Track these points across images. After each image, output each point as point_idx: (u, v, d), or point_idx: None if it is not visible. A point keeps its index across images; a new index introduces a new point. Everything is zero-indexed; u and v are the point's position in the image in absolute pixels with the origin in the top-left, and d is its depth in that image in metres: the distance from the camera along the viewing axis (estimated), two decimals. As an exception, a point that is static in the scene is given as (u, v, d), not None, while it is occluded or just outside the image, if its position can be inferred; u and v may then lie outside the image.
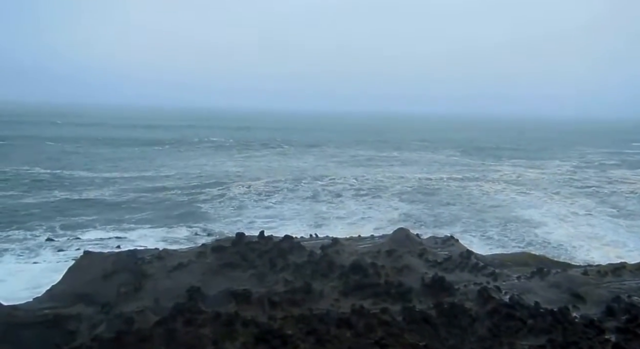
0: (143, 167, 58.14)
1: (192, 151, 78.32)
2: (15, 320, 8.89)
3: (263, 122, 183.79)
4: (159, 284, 10.53)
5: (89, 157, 64.12)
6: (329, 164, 69.55)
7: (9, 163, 54.79)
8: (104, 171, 52.13)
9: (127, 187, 44.86)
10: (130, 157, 67.56)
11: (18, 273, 23.36)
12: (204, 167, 60.63)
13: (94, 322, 9.39)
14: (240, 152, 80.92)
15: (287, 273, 10.36)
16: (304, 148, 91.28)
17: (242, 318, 8.46)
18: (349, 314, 8.60)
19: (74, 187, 43.40)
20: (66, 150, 70.88)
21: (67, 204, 37.29)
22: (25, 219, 32.31)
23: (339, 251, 11.23)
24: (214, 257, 11.64)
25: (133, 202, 38.78)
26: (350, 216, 38.38)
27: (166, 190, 43.79)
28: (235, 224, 34.16)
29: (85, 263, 11.59)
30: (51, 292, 10.59)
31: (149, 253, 12.51)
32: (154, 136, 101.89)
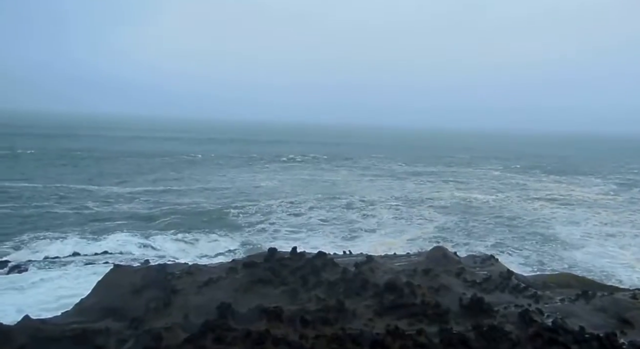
0: (174, 180, 58.88)
1: (225, 164, 79.01)
2: (43, 335, 8.78)
3: (300, 136, 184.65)
4: (188, 300, 10.32)
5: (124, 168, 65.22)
6: (363, 178, 69.31)
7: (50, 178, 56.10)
8: (135, 185, 52.81)
9: (158, 199, 45.43)
10: (161, 168, 68.55)
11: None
12: (235, 181, 61.07)
13: (123, 337, 9.21)
14: (271, 165, 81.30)
15: (319, 290, 10.02)
16: (338, 161, 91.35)
17: (272, 337, 8.16)
18: (383, 335, 8.20)
19: (106, 199, 44.21)
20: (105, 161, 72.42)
21: (97, 215, 37.98)
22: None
23: (373, 269, 10.85)
24: (245, 273, 11.39)
25: (162, 214, 39.20)
26: (383, 227, 38.00)
27: (195, 203, 44.12)
28: (260, 233, 34.30)
29: (115, 277, 11.48)
30: (80, 306, 10.50)
31: (179, 268, 12.35)
32: (187, 149, 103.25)
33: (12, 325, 8.89)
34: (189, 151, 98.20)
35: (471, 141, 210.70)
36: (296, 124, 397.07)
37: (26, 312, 17.67)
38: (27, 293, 22.80)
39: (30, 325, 8.97)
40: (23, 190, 47.05)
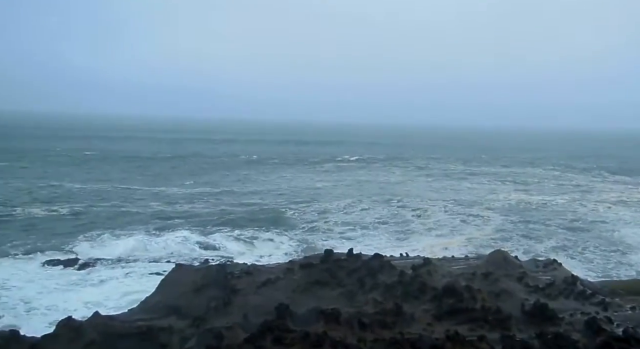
0: (232, 180, 60.11)
1: (281, 165, 79.83)
2: (111, 330, 9.15)
3: (354, 136, 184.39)
4: (248, 299, 10.49)
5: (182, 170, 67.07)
6: (418, 178, 68.57)
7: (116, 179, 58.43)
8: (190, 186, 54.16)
9: (217, 199, 46.52)
10: (219, 170, 70.03)
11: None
12: (290, 181, 61.68)
13: (185, 335, 9.48)
14: (326, 165, 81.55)
15: (376, 293, 9.96)
16: (393, 161, 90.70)
17: (330, 339, 8.16)
18: (443, 341, 8.05)
19: (169, 200, 45.66)
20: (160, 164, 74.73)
21: (160, 214, 39.36)
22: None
23: (431, 272, 10.67)
24: (302, 274, 11.48)
25: (221, 213, 40.16)
26: (439, 228, 37.51)
27: (252, 204, 44.88)
28: (316, 232, 34.60)
29: (177, 276, 11.82)
30: (145, 304, 10.88)
31: (238, 268, 12.57)
32: (244, 150, 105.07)
33: (83, 321, 9.31)
34: (246, 152, 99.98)
35: (529, 140, 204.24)
36: (354, 124, 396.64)
37: (93, 307, 18.56)
38: (94, 289, 23.91)
39: (100, 321, 9.37)
40: (92, 191, 49.50)
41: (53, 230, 33.71)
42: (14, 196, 45.19)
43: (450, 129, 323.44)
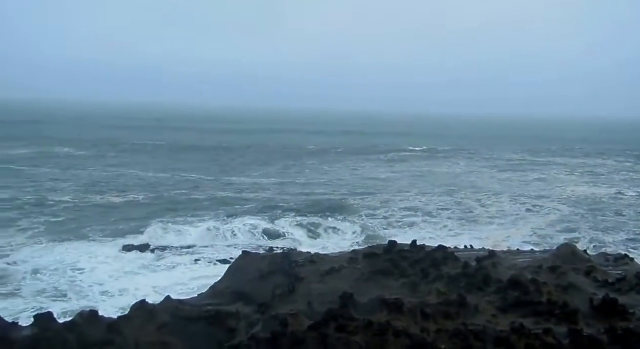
0: (297, 171, 61.05)
1: (344, 156, 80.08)
2: (182, 314, 9.63)
3: (420, 128, 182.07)
4: (312, 288, 10.72)
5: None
6: (482, 169, 67.11)
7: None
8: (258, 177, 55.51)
9: (282, 189, 47.51)
10: (283, 160, 71.17)
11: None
12: (354, 172, 61.90)
13: (252, 321, 9.82)
14: (389, 156, 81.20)
15: (440, 284, 9.94)
16: (457, 152, 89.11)
17: (393, 328, 8.27)
18: (507, 333, 7.97)
19: (236, 189, 47.09)
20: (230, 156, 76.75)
21: (228, 202, 40.69)
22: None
23: (495, 264, 10.51)
24: (366, 263, 11.59)
25: (286, 202, 41.04)
26: (502, 217, 36.81)
27: (316, 193, 45.46)
28: (379, 222, 34.85)
29: (243, 263, 12.21)
30: (213, 289, 11.36)
31: (302, 256, 12.83)
32: (308, 140, 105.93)
33: (155, 304, 9.86)
34: (311, 142, 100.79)
35: (594, 129, 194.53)
36: (420, 115, 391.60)
37: (162, 292, 19.54)
38: (164, 274, 25.13)
39: (171, 305, 9.89)
40: (164, 179, 51.81)
41: (128, 216, 35.70)
42: (93, 184, 48.13)
43: (513, 120, 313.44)
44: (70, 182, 48.96)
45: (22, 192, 42.74)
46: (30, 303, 21.16)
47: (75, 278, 24.13)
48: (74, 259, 26.20)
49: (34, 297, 21.90)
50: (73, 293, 22.44)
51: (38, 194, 42.21)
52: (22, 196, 40.67)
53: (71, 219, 34.74)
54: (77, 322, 9.06)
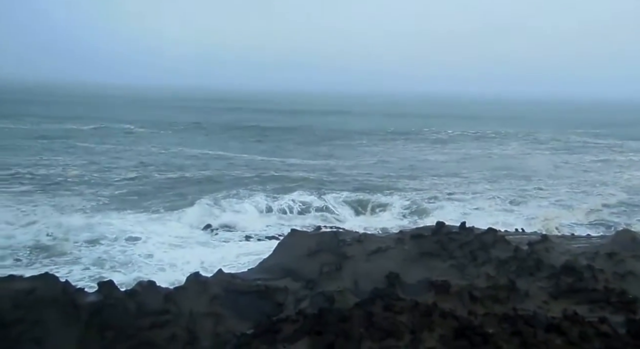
0: (344, 152, 61.03)
1: (392, 138, 79.31)
2: (233, 287, 9.93)
3: (469, 109, 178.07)
4: (358, 266, 10.79)
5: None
6: (535, 151, 65.23)
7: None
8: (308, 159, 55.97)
9: (331, 169, 47.77)
10: (330, 141, 71.20)
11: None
12: (401, 154, 61.37)
13: (299, 297, 10.00)
14: (438, 138, 79.95)
15: (489, 267, 9.80)
16: (509, 135, 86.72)
17: (440, 310, 8.23)
18: (560, 320, 7.78)
19: (287, 168, 47.78)
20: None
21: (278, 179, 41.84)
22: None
23: (548, 249, 10.26)
24: (413, 244, 11.55)
25: (333, 182, 41.33)
26: (557, 199, 35.87)
27: (363, 174, 45.44)
28: (425, 202, 34.81)
29: (292, 240, 12.40)
30: (262, 265, 11.62)
31: (350, 236, 12.90)
32: (356, 123, 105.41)
33: (208, 277, 10.20)
34: (359, 124, 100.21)
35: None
36: (471, 95, 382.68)
37: (209, 267, 20.08)
38: (213, 249, 25.78)
39: (223, 278, 10.20)
40: (218, 158, 53.34)
41: (182, 192, 36.83)
42: (151, 160, 50.21)
43: (578, 101, 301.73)
44: (131, 158, 51.28)
45: (89, 166, 45.43)
46: (88, 270, 22.21)
47: (130, 248, 25.12)
48: (130, 230, 27.29)
49: (93, 265, 23.00)
50: (127, 262, 23.41)
51: (102, 168, 44.71)
52: (88, 170, 43.08)
53: (131, 193, 36.44)
54: (136, 290, 9.59)
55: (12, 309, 8.78)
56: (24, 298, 8.93)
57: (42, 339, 8.67)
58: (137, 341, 8.79)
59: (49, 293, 9.11)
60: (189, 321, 9.14)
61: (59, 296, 9.13)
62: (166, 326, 9.01)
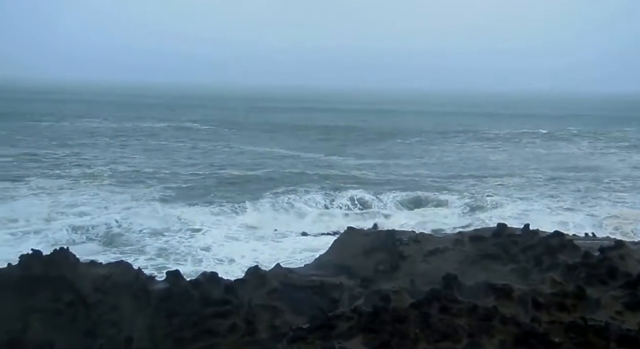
0: (401, 152, 60.43)
1: (452, 137, 77.69)
2: (290, 282, 10.04)
3: (540, 108, 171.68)
4: (415, 266, 10.63)
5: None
6: (609, 150, 62.25)
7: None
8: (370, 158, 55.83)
9: (386, 169, 47.45)
10: (388, 142, 70.56)
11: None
12: (460, 153, 60.08)
13: (354, 294, 9.94)
14: (501, 137, 77.74)
15: (555, 272, 9.35)
16: (580, 133, 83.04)
17: (501, 315, 7.93)
18: (636, 332, 7.30)
19: (343, 168, 47.92)
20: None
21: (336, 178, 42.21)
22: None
23: (623, 256, 9.64)
24: (472, 246, 11.24)
25: (387, 181, 41.05)
26: (629, 201, 34.14)
27: (419, 175, 44.84)
28: (485, 202, 33.98)
29: (348, 238, 12.37)
30: (318, 261, 11.67)
31: (406, 235, 12.72)
32: (414, 121, 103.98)
33: (267, 271, 10.38)
34: (417, 123, 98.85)
35: None
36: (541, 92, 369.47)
37: (265, 262, 20.33)
38: (269, 244, 26.23)
39: (280, 272, 10.34)
40: (280, 156, 54.44)
41: (243, 188, 37.77)
42: (217, 158, 52.52)
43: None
44: (198, 155, 53.86)
45: (161, 163, 47.94)
46: (152, 260, 23.15)
47: (191, 240, 26.00)
48: (192, 223, 28.30)
49: (156, 254, 24.01)
50: (187, 253, 24.26)
51: (172, 164, 47.56)
52: (160, 167, 45.49)
53: (196, 187, 38.16)
54: (200, 281, 10.02)
55: (92, 292, 9.43)
56: (103, 283, 9.61)
57: (117, 322, 9.23)
58: (200, 328, 9.14)
59: (124, 278, 9.80)
60: (248, 313, 9.34)
61: (132, 282, 9.80)
62: (227, 316, 9.28)
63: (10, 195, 33.30)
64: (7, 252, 22.32)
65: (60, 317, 9.68)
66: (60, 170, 42.62)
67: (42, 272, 9.91)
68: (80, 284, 9.82)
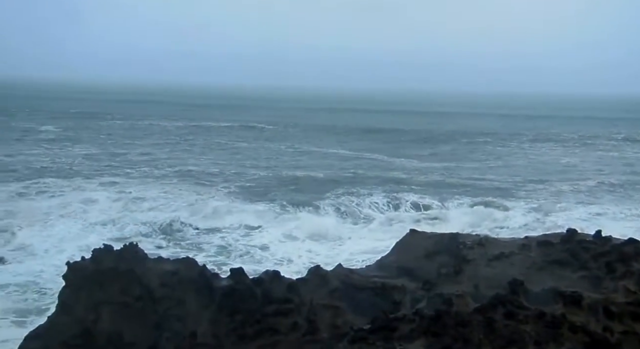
0: (469, 155, 59.24)
1: (522, 140, 75.24)
2: (352, 282, 10.10)
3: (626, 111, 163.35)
4: (479, 271, 10.43)
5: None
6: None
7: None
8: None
9: (452, 172, 46.66)
10: (456, 144, 69.31)
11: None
12: (529, 156, 58.26)
13: (416, 297, 9.89)
14: (571, 140, 74.69)
15: (629, 281, 8.91)
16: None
17: (570, 323, 7.69)
18: None
19: (407, 170, 47.60)
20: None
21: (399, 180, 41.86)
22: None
23: None
24: (539, 252, 10.90)
25: (452, 185, 40.32)
26: None
27: (488, 179, 43.78)
28: (550, 207, 32.76)
29: (410, 240, 12.27)
30: (380, 262, 11.64)
31: (470, 238, 12.49)
32: (484, 124, 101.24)
33: (328, 270, 10.49)
34: (487, 126, 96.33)
35: None
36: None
37: (320, 262, 20.50)
38: (328, 245, 26.44)
39: (342, 272, 10.42)
40: (344, 157, 54.85)
41: (304, 188, 38.24)
42: (280, 157, 53.77)
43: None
44: (262, 155, 55.31)
45: (225, 163, 49.84)
46: (212, 257, 23.92)
47: (250, 239, 26.69)
48: (252, 222, 28.98)
49: (217, 252, 24.82)
50: (246, 252, 24.88)
51: (237, 163, 49.40)
52: (225, 166, 47.28)
53: (259, 186, 39.27)
54: (263, 279, 10.21)
55: (159, 286, 9.84)
56: (169, 278, 9.98)
57: (182, 317, 9.60)
58: (262, 326, 9.35)
59: (189, 274, 10.17)
60: (309, 312, 9.46)
61: (197, 278, 10.10)
62: (289, 314, 9.45)
63: (82, 188, 35.48)
64: (78, 244, 23.96)
65: (129, 310, 10.17)
66: (131, 167, 45.28)
67: (112, 266, 10.43)
68: (148, 278, 10.27)
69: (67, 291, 10.54)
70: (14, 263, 22.71)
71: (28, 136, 63.73)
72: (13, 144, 55.51)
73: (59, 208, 30.09)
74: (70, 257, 20.47)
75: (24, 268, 22.08)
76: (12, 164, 43.40)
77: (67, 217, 28.78)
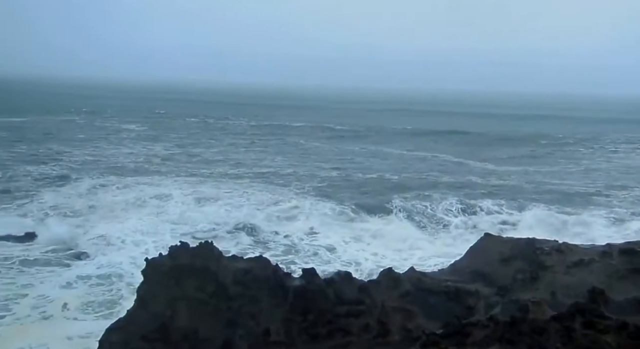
0: (542, 160, 57.10)
1: (600, 144, 71.34)
2: (423, 286, 10.08)
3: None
4: (557, 278, 10.17)
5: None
6: None
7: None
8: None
9: (527, 177, 45.17)
10: (528, 147, 66.86)
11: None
12: (611, 161, 55.27)
13: (490, 302, 9.77)
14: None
15: None
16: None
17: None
18: None
19: (481, 173, 46.49)
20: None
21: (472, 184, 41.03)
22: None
23: None
24: (622, 259, 10.48)
25: (532, 191, 38.95)
26: None
27: (566, 184, 41.97)
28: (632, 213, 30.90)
29: (485, 245, 12.11)
30: (454, 266, 11.55)
31: (548, 244, 12.18)
32: (559, 128, 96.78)
33: (400, 273, 10.53)
34: (560, 131, 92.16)
35: None
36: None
37: (388, 264, 20.32)
38: (399, 248, 26.22)
39: (414, 275, 10.43)
40: (415, 159, 54.43)
41: (373, 190, 38.15)
42: (352, 158, 53.93)
43: None
44: (334, 157, 55.41)
45: (298, 164, 50.70)
46: (280, 256, 24.34)
47: (317, 240, 26.96)
48: (320, 224, 29.19)
49: (285, 251, 25.31)
50: (314, 253, 25.13)
51: (310, 164, 50.21)
52: (298, 167, 48.42)
53: (329, 187, 39.25)
54: (335, 280, 10.36)
55: (233, 284, 10.17)
56: (243, 276, 10.28)
57: (256, 314, 9.88)
58: (334, 326, 9.49)
59: (263, 273, 10.40)
60: (381, 314, 9.52)
61: (271, 277, 10.33)
62: (360, 316, 9.54)
63: (158, 184, 36.98)
64: (153, 239, 25.16)
65: (204, 306, 10.42)
66: (206, 166, 46.83)
67: (188, 263, 10.70)
68: (223, 276, 10.49)
69: (145, 287, 10.91)
70: (94, 256, 23.86)
71: (112, 135, 67.47)
72: (97, 142, 59.18)
73: (136, 204, 31.59)
74: (146, 252, 21.70)
75: (105, 260, 23.09)
76: (95, 162, 46.11)
77: (144, 212, 30.14)
